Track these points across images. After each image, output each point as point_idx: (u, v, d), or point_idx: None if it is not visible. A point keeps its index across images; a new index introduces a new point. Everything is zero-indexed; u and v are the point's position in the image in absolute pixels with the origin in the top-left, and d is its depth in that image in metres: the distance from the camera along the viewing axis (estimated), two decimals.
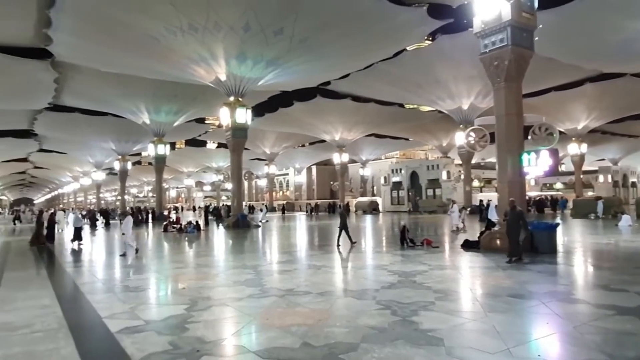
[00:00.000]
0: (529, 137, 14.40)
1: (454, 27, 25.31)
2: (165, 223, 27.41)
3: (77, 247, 18.02)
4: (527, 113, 14.97)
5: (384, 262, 12.02)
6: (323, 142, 55.18)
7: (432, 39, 29.39)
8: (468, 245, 14.20)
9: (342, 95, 39.72)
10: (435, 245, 15.05)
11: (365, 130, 50.43)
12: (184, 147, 70.22)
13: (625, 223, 21.79)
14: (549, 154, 13.33)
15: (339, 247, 15.30)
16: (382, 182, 56.90)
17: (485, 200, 26.04)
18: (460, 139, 33.38)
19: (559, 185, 59.54)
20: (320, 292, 8.20)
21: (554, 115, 37.41)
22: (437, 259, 12.19)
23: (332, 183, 72.42)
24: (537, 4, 14.04)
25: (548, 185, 60.86)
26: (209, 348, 5.29)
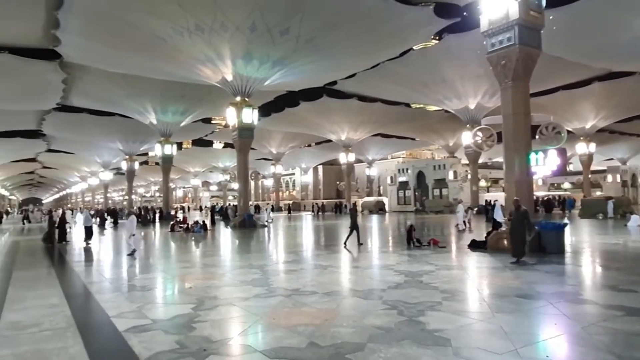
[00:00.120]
0: (537, 136, 14.31)
1: (461, 26, 25.20)
2: (172, 223, 27.52)
3: (87, 245, 18.26)
4: (534, 112, 14.89)
5: (391, 262, 11.99)
6: (329, 142, 55.17)
7: (438, 38, 29.25)
8: (475, 246, 14.14)
9: (348, 95, 39.71)
10: (442, 245, 14.99)
11: (372, 130, 50.35)
12: (191, 147, 70.55)
13: (635, 223, 21.58)
14: (557, 154, 13.25)
15: (346, 246, 15.32)
16: (388, 182, 56.80)
17: (492, 200, 25.90)
18: (467, 139, 33.23)
19: (567, 185, 59.17)
20: (327, 292, 8.20)
21: (562, 115, 37.14)
22: (443, 259, 12.14)
23: (338, 183, 72.36)
24: (544, 2, 13.95)
25: (556, 185, 60.49)
26: (216, 347, 5.31)
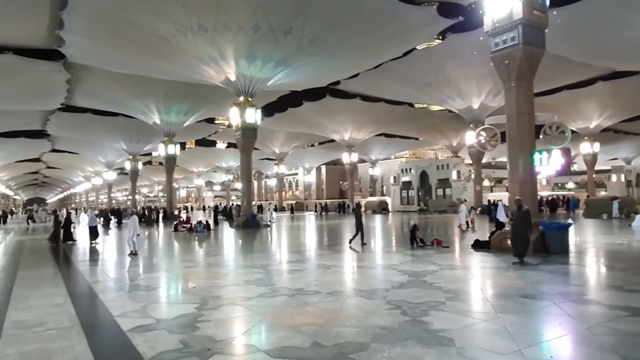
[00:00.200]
0: (541, 136, 14.27)
1: (464, 25, 25.20)
2: (176, 222, 27.61)
3: (92, 245, 18.32)
4: (538, 112, 14.82)
5: (394, 261, 11.97)
6: (332, 141, 55.17)
7: (442, 38, 29.22)
8: (478, 245, 14.09)
9: (351, 95, 39.71)
10: (446, 245, 14.97)
11: (375, 130, 50.33)
12: (194, 147, 70.67)
13: (639, 223, 21.48)
14: (561, 153, 13.21)
15: (351, 245, 15.33)
16: (391, 181, 56.72)
17: (495, 200, 25.83)
18: (471, 139, 33.16)
19: (571, 185, 58.97)
20: (330, 291, 8.19)
21: (566, 114, 36.99)
22: (447, 259, 12.11)
23: (341, 183, 72.33)
24: (548, 2, 13.90)
25: (560, 185, 60.28)
26: (220, 347, 5.31)
